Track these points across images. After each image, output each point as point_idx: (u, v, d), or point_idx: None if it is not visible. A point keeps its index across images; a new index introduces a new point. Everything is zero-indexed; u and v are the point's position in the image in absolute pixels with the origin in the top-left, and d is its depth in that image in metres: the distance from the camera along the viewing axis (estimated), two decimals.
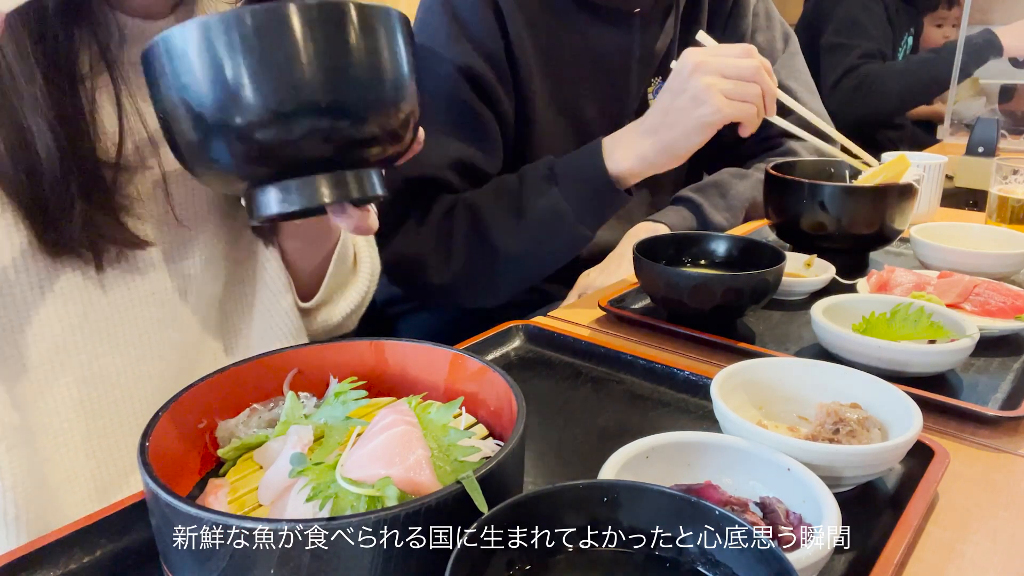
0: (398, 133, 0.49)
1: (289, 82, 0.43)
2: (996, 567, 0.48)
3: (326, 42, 0.44)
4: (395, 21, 0.48)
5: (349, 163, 0.48)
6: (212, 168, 0.47)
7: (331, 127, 0.45)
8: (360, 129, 0.47)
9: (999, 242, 1.00)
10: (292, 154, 0.45)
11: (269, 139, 0.45)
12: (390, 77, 0.48)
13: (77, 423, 0.65)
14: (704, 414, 0.65)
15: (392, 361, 0.57)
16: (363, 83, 0.46)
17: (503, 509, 0.38)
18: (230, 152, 0.45)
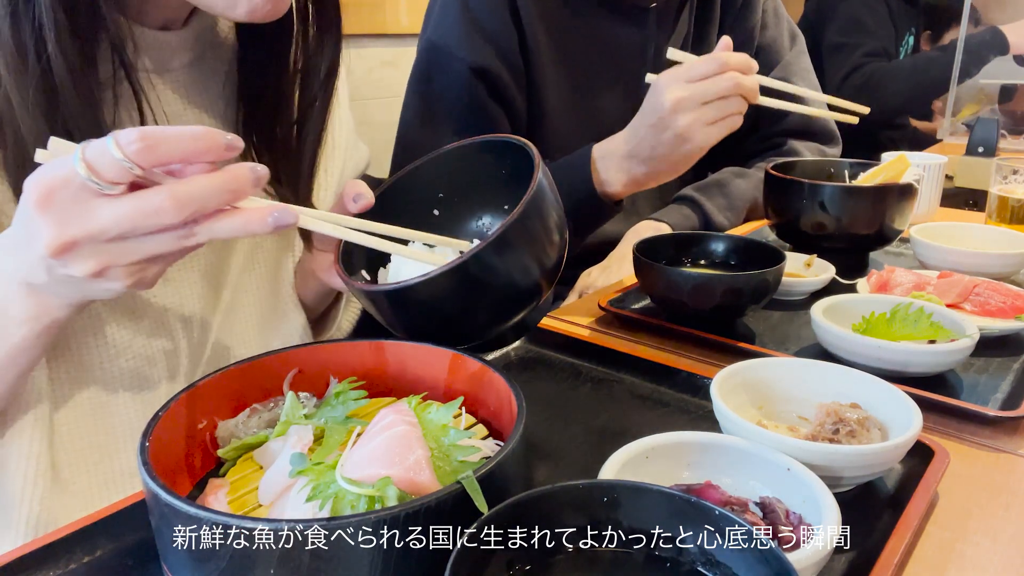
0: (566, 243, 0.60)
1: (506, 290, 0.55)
2: (996, 567, 0.48)
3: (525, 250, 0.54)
4: (544, 183, 0.56)
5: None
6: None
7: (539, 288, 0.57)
8: (555, 272, 0.59)
9: (999, 242, 1.00)
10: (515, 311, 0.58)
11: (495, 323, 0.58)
12: (562, 235, 0.59)
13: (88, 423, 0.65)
14: (704, 414, 0.65)
15: (392, 361, 0.57)
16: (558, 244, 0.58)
17: (503, 509, 0.38)
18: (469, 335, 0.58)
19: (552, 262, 0.57)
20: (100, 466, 0.67)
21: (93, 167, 0.43)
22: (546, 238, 0.56)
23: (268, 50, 0.72)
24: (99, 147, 0.43)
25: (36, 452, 0.61)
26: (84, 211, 0.44)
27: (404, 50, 2.00)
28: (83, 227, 0.45)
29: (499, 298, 0.55)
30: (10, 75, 0.54)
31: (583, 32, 1.15)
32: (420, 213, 0.67)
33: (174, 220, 0.44)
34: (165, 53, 0.67)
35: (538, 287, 0.56)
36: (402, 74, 2.02)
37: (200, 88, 0.71)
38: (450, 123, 1.09)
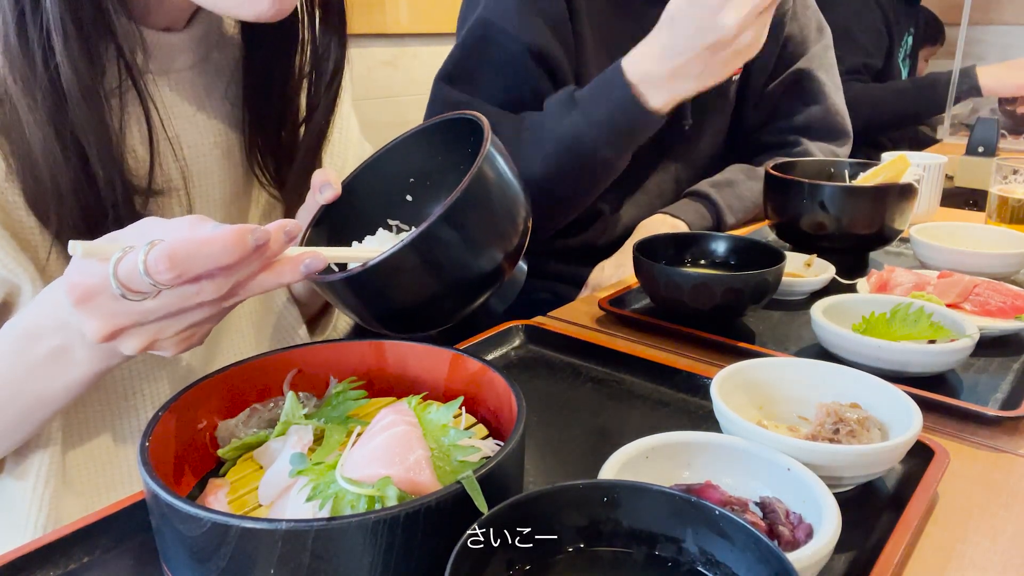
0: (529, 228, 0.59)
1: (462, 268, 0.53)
2: (996, 567, 0.48)
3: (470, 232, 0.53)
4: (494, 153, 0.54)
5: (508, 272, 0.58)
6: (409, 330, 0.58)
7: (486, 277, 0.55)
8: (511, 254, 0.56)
9: (999, 242, 1.00)
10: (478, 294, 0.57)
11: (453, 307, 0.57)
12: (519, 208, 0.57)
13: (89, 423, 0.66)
14: (704, 414, 0.65)
15: (392, 361, 0.57)
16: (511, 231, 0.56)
17: (503, 509, 0.38)
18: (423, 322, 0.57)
19: (509, 237, 0.55)
20: (107, 468, 0.67)
21: (125, 284, 0.44)
22: (500, 210, 0.54)
23: (274, 52, 0.72)
24: (130, 266, 0.43)
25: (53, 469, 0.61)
26: (125, 307, 0.46)
27: (404, 50, 2.00)
28: (126, 318, 0.46)
29: (456, 277, 0.53)
30: (17, 82, 0.54)
31: (623, 20, 1.15)
32: (392, 201, 0.66)
33: (214, 296, 0.45)
34: (169, 54, 0.67)
35: (496, 264, 0.55)
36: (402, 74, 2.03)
37: (205, 90, 0.71)
38: (503, 102, 1.07)
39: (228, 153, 0.73)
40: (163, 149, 0.65)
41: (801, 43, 1.30)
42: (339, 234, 0.64)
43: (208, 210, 0.71)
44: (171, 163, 0.66)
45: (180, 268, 0.43)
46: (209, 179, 0.71)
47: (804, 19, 1.31)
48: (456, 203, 0.50)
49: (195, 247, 0.43)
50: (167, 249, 0.42)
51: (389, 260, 0.50)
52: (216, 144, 0.71)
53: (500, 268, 0.55)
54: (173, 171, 0.66)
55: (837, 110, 1.30)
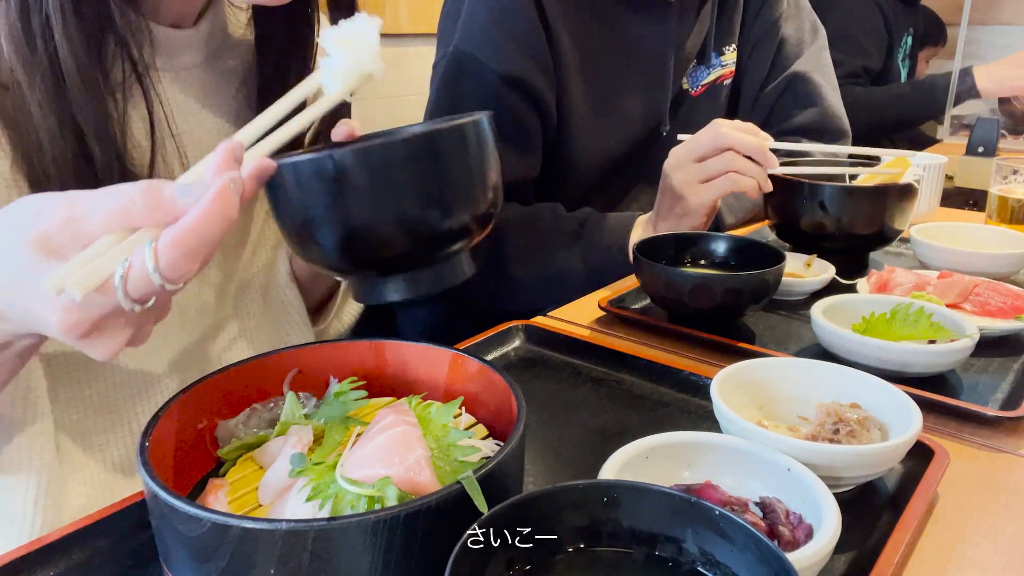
0: (489, 221, 0.56)
1: (405, 208, 0.50)
2: (996, 567, 0.48)
3: (434, 170, 0.50)
4: (485, 128, 0.53)
5: (450, 256, 0.55)
6: (331, 268, 0.54)
7: (442, 235, 0.52)
8: (459, 231, 0.53)
9: (999, 242, 1.00)
10: (409, 258, 0.53)
11: (388, 252, 0.51)
12: (484, 185, 0.54)
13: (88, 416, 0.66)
14: (704, 414, 0.65)
15: (392, 361, 0.57)
16: (463, 198, 0.52)
17: (503, 509, 0.38)
18: (357, 258, 0.52)
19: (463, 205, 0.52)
20: (101, 464, 0.67)
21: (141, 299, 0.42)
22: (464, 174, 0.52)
23: (285, 55, 0.72)
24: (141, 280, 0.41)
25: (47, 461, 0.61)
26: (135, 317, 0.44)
27: (404, 50, 2.00)
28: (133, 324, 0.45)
29: (393, 208, 0.49)
30: (19, 64, 0.54)
31: (604, 31, 1.15)
32: None
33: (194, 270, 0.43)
34: (176, 50, 0.67)
35: (435, 223, 0.51)
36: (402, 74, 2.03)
37: (212, 88, 0.71)
38: None
39: None
40: (167, 144, 0.65)
41: (796, 45, 1.30)
42: None
43: None
44: (174, 159, 0.66)
45: (201, 255, 0.42)
46: None
47: (798, 21, 1.31)
48: (431, 134, 0.49)
49: (199, 231, 0.41)
50: (179, 247, 0.41)
51: (332, 160, 0.47)
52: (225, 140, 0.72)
53: (436, 230, 0.52)
54: (176, 166, 0.67)
55: (834, 111, 1.30)
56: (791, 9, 1.31)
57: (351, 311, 0.88)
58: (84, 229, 0.42)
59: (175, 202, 0.42)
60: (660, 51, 1.20)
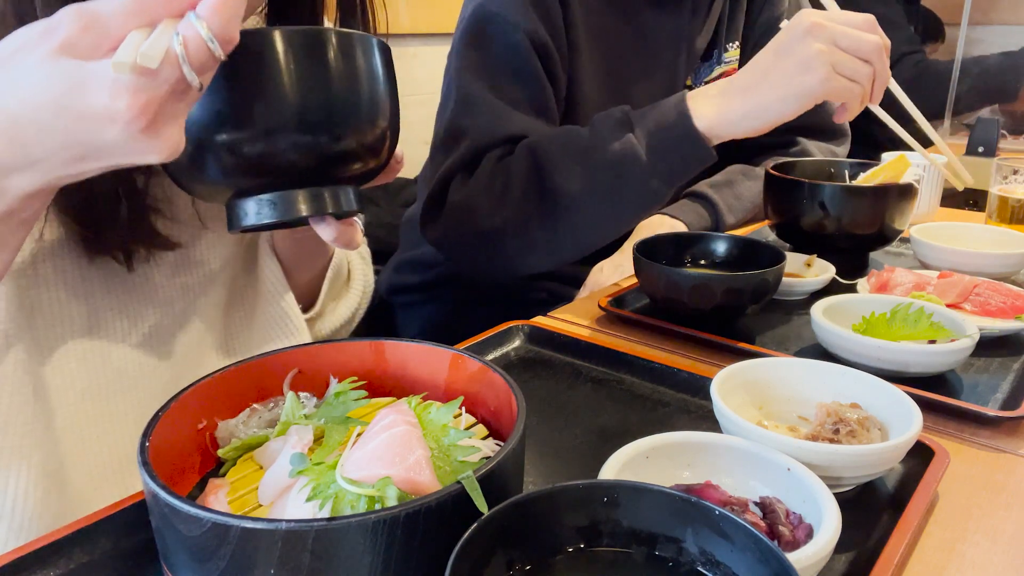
0: (374, 151, 0.52)
1: (270, 104, 0.46)
2: (996, 567, 0.48)
3: (306, 67, 0.47)
4: (372, 47, 0.50)
5: (326, 179, 0.51)
6: (196, 180, 0.50)
7: (309, 145, 0.48)
8: (336, 147, 0.49)
9: (999, 242, 1.00)
10: (271, 170, 0.48)
11: (249, 156, 0.47)
12: (366, 99, 0.50)
13: (85, 409, 0.66)
14: (704, 414, 0.65)
15: (392, 361, 0.57)
16: (339, 105, 0.49)
17: (503, 509, 0.38)
18: (214, 166, 0.48)
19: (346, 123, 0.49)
20: (99, 459, 0.67)
21: (201, 68, 0.40)
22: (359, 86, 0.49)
23: None
24: (198, 47, 0.39)
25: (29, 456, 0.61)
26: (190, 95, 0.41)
27: (404, 50, 2.00)
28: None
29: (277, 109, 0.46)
30: None
31: (618, 20, 1.15)
32: None
33: None
34: None
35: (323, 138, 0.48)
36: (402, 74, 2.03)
37: None
38: (507, 94, 1.05)
39: None
40: None
41: None
42: None
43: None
44: None
45: (242, 9, 0.40)
46: None
47: None
48: (316, 30, 0.46)
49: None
50: (224, 7, 0.39)
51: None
52: None
53: (316, 140, 0.48)
54: None
55: (834, 110, 1.30)
56: (792, 8, 1.31)
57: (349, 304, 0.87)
58: (106, 29, 0.39)
59: None
60: (672, 45, 1.20)
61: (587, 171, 0.94)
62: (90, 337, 0.66)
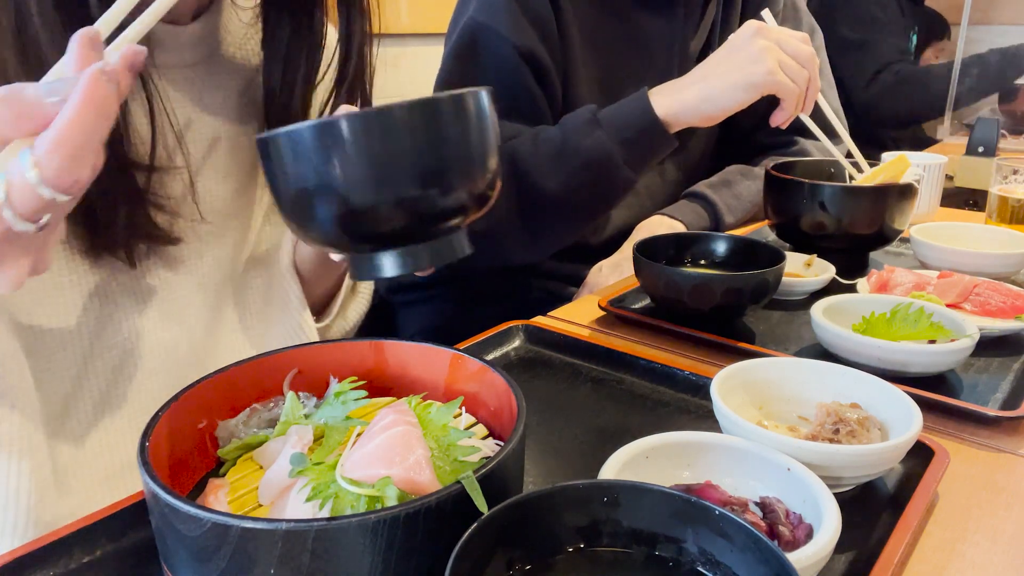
0: (489, 194, 0.54)
1: (410, 174, 0.48)
2: (996, 567, 0.48)
3: (436, 134, 0.49)
4: (482, 99, 0.51)
5: (447, 232, 0.53)
6: (329, 242, 0.52)
7: (439, 204, 0.50)
8: (464, 200, 0.52)
9: (999, 242, 1.00)
10: (400, 232, 0.51)
11: (389, 220, 0.49)
12: (484, 150, 0.52)
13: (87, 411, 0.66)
14: (704, 414, 0.65)
15: (392, 361, 0.57)
16: (465, 163, 0.51)
17: (503, 509, 0.38)
18: (352, 230, 0.50)
19: (467, 176, 0.51)
20: (99, 460, 0.67)
21: (28, 215, 0.38)
22: (472, 142, 0.50)
23: (295, 53, 0.72)
24: (26, 195, 0.37)
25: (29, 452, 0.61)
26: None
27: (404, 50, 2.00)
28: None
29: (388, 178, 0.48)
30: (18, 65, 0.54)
31: (612, 24, 1.15)
32: None
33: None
34: (173, 48, 0.67)
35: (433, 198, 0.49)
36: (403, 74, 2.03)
37: (212, 86, 0.71)
38: (502, 97, 1.07)
39: (234, 150, 0.73)
40: (169, 141, 0.66)
41: None
42: None
43: (212, 204, 0.72)
44: (173, 143, 0.67)
45: (87, 158, 0.38)
46: (214, 174, 0.72)
47: (795, 23, 1.31)
48: (431, 101, 0.47)
49: (77, 131, 0.37)
50: (60, 151, 0.37)
51: (325, 127, 0.45)
52: (226, 138, 0.72)
53: (435, 202, 0.50)
54: (175, 150, 0.67)
55: (834, 110, 1.31)
56: (788, 11, 1.31)
57: (357, 309, 0.88)
58: None
59: (42, 104, 0.38)
60: (665, 48, 1.20)
61: (562, 170, 1.00)
62: (95, 337, 0.66)
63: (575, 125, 1.01)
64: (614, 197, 1.05)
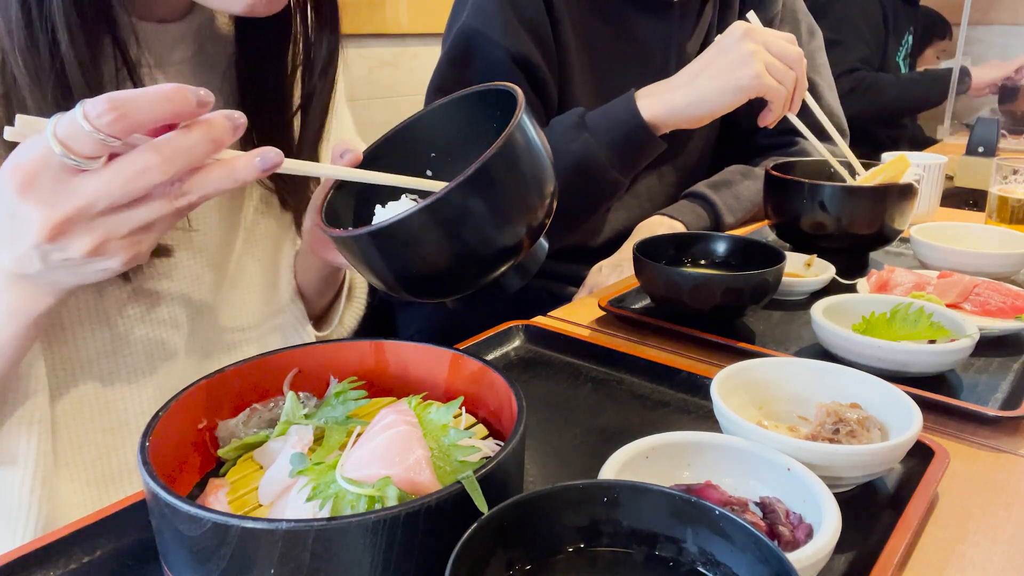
0: (552, 207, 0.58)
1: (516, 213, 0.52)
2: (996, 567, 0.48)
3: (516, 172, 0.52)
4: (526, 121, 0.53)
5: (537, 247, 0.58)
6: (437, 297, 0.57)
7: (535, 229, 0.55)
8: (548, 217, 0.56)
9: (999, 242, 1.00)
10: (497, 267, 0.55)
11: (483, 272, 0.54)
12: (550, 166, 0.56)
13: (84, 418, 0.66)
14: (704, 414, 0.65)
15: (392, 361, 0.57)
16: (545, 187, 0.55)
17: (503, 509, 0.38)
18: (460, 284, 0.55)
19: (534, 210, 0.54)
20: (98, 463, 0.67)
21: (67, 144, 0.42)
22: (527, 181, 0.53)
23: (266, 46, 0.72)
24: (69, 121, 0.42)
25: (43, 451, 0.61)
26: (70, 188, 0.44)
27: (404, 50, 2.00)
28: (73, 204, 0.44)
29: (475, 246, 0.52)
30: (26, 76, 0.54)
31: (608, 27, 1.16)
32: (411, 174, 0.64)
33: (162, 178, 0.44)
34: (165, 46, 0.67)
35: (519, 237, 0.53)
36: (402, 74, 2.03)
37: (202, 83, 0.71)
38: None
39: None
40: None
41: None
42: (359, 202, 0.62)
43: (201, 209, 0.71)
44: None
45: (121, 109, 0.41)
46: None
47: (794, 24, 1.31)
48: (481, 168, 0.48)
49: (134, 93, 0.42)
50: (105, 95, 0.41)
51: (406, 221, 0.48)
52: None
53: (521, 241, 0.54)
54: None
55: (832, 111, 1.31)
56: (786, 11, 1.31)
57: (353, 316, 0.88)
58: None
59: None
60: (662, 51, 1.20)
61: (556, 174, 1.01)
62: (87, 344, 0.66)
63: (563, 129, 1.01)
64: (603, 200, 1.05)
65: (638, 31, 1.18)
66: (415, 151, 0.65)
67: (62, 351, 0.64)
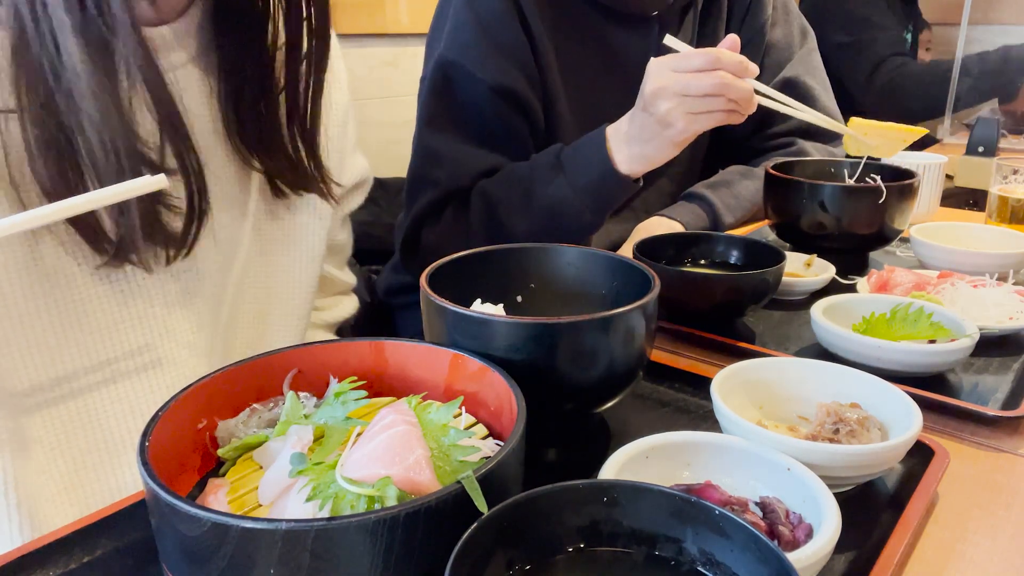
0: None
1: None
2: (996, 567, 0.48)
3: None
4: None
5: None
6: None
7: None
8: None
9: (999, 242, 1.00)
10: None
11: None
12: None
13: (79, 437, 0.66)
14: (704, 414, 0.65)
15: (392, 361, 0.57)
16: None
17: (503, 509, 0.38)
18: None
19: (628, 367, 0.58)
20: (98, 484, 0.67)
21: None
22: (631, 342, 0.57)
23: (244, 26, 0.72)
24: None
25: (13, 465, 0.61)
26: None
27: (404, 50, 2.00)
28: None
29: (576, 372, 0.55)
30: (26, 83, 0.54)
31: (586, 43, 1.15)
32: (504, 291, 0.68)
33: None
34: (164, 48, 0.67)
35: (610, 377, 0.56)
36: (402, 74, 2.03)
37: (203, 82, 0.71)
38: (474, 136, 1.10)
39: (227, 138, 0.74)
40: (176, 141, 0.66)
41: (785, 49, 1.30)
42: (459, 288, 0.65)
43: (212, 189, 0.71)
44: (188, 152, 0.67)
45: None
46: (215, 163, 0.72)
47: (786, 26, 1.31)
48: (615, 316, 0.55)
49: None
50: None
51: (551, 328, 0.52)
52: (215, 131, 0.73)
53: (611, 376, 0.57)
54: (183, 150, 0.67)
55: (829, 112, 1.31)
56: (778, 14, 1.30)
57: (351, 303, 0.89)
58: None
59: None
60: (642, 64, 1.20)
61: (528, 213, 1.05)
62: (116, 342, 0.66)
63: (541, 169, 1.05)
64: (579, 239, 1.06)
65: (618, 47, 1.18)
66: (520, 274, 0.69)
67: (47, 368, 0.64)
